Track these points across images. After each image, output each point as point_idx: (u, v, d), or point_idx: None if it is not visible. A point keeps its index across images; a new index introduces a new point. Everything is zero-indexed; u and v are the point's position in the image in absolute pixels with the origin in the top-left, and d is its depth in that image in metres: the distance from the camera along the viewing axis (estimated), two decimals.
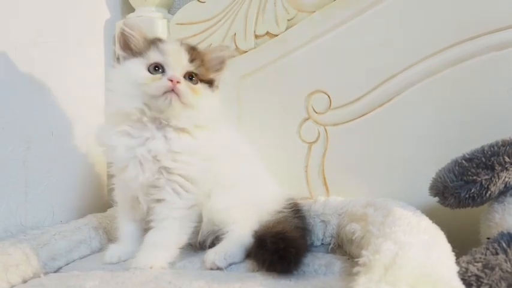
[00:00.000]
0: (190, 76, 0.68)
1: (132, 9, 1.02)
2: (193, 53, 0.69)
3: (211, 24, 0.97)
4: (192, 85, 0.67)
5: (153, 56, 0.67)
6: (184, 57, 0.67)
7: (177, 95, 0.64)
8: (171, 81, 0.64)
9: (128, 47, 0.69)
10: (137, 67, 0.67)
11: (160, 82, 0.64)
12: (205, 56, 0.71)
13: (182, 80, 0.65)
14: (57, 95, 0.87)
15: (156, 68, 0.66)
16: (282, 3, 0.93)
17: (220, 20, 0.97)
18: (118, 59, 0.70)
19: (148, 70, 0.66)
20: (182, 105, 0.65)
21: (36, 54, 0.82)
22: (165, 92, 0.64)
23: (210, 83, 0.71)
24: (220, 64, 0.73)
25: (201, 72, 0.69)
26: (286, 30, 0.93)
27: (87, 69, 0.97)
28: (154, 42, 0.69)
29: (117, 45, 0.70)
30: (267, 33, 0.94)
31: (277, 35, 0.94)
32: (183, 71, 0.67)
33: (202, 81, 0.70)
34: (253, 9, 0.95)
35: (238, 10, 0.96)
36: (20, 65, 0.79)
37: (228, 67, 0.74)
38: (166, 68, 0.66)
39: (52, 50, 0.86)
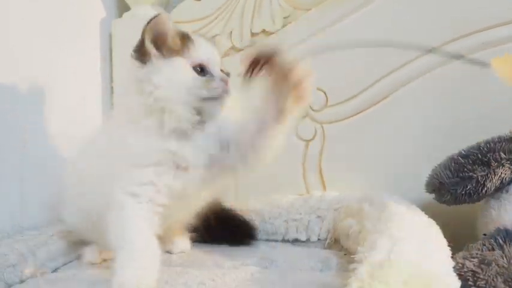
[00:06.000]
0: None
1: (127, 8, 1.01)
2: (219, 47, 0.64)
3: (208, 22, 0.97)
4: None
5: (196, 56, 0.59)
6: (218, 54, 0.62)
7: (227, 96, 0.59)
8: (225, 83, 0.59)
9: (162, 46, 0.58)
10: (183, 68, 0.58)
11: (215, 84, 0.58)
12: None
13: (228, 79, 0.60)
14: (53, 95, 0.86)
15: (201, 69, 0.59)
16: (277, 0, 0.93)
17: (216, 18, 0.97)
18: (142, 57, 0.58)
19: (196, 72, 0.59)
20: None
21: (31, 54, 0.82)
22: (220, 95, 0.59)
23: None
24: None
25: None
26: (282, 27, 0.93)
27: (83, 69, 0.96)
28: (189, 39, 0.60)
29: (147, 42, 0.57)
30: (263, 31, 0.94)
31: (273, 33, 0.93)
32: (219, 69, 0.61)
33: None
34: (249, 6, 0.94)
35: (234, 8, 0.96)
36: (15, 65, 0.78)
37: None
38: (208, 68, 0.60)
39: (47, 49, 0.86)
